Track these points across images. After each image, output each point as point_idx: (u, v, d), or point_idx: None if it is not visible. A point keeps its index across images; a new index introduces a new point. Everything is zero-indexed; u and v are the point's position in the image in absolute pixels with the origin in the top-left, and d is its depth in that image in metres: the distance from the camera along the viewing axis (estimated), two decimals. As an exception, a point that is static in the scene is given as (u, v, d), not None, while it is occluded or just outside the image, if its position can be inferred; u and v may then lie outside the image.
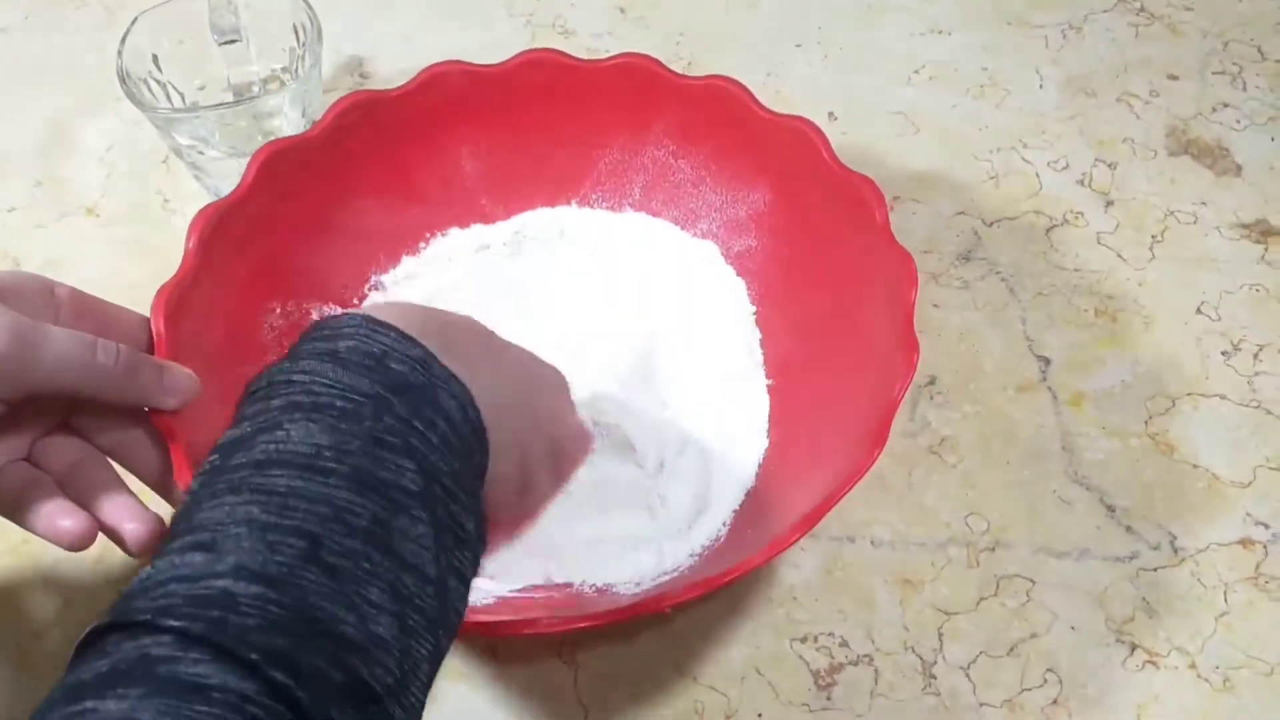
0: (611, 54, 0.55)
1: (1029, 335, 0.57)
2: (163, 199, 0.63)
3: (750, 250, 0.56)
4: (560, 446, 0.42)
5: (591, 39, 0.71)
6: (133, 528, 0.40)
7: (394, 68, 0.69)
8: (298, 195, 0.52)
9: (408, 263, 0.57)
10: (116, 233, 0.61)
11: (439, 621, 0.31)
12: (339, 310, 0.54)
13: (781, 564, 0.50)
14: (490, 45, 0.57)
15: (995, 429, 0.54)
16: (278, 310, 0.53)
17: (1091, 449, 0.53)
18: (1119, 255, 0.60)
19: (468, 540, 0.33)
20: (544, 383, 0.43)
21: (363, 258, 0.56)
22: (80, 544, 0.39)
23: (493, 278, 0.57)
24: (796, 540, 0.41)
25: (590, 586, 0.48)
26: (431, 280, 0.57)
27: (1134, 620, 0.49)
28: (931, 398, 0.55)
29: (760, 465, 0.51)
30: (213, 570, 0.27)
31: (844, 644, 0.48)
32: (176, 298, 0.46)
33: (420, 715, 0.31)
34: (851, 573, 0.50)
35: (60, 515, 0.39)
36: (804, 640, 0.48)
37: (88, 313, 0.42)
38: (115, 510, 0.40)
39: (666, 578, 0.48)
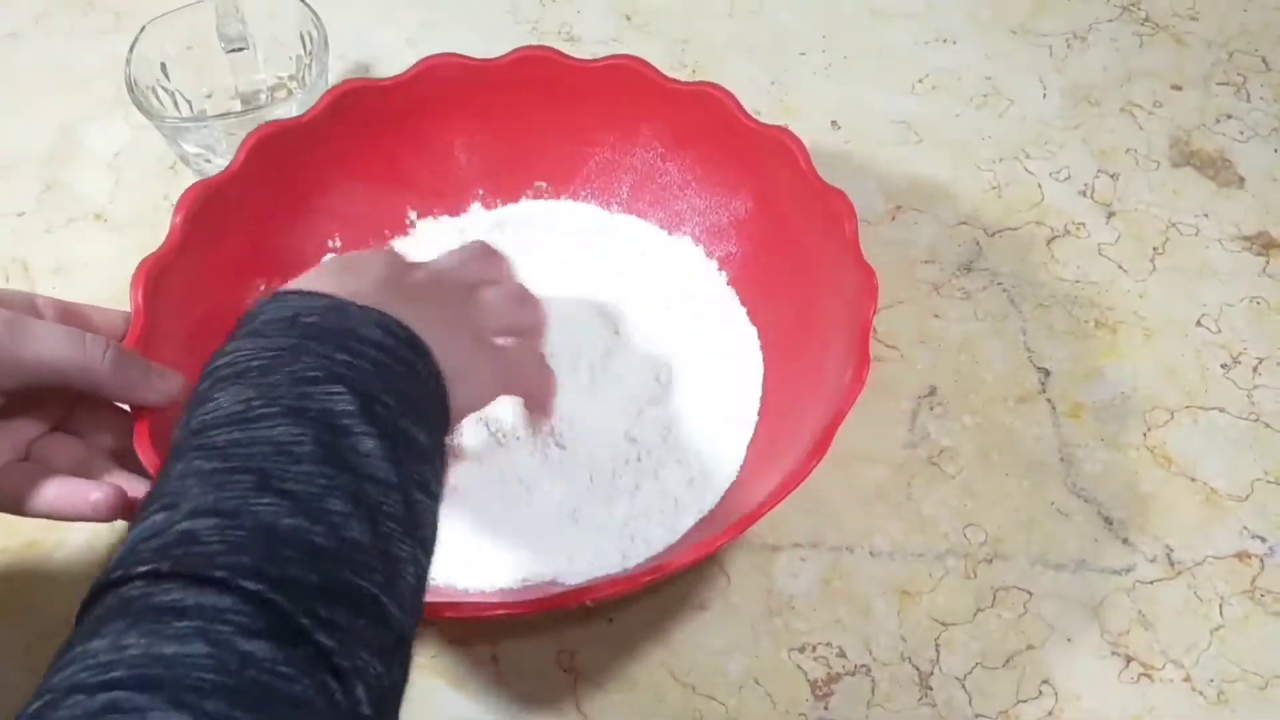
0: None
1: (1029, 346, 0.57)
2: (170, 205, 0.63)
3: (729, 256, 0.57)
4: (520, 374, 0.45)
5: (597, 46, 0.72)
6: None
7: (397, 73, 0.69)
8: (288, 177, 0.53)
9: (396, 245, 0.58)
10: (124, 238, 0.62)
11: (413, 529, 0.32)
12: None
13: (780, 573, 0.50)
14: (495, 52, 0.57)
15: (994, 440, 0.54)
16: (262, 288, 0.54)
17: (1090, 460, 0.54)
18: (1120, 266, 0.60)
19: (424, 453, 0.34)
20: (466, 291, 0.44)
21: (351, 240, 0.57)
22: (112, 512, 0.41)
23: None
24: (718, 547, 0.42)
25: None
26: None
27: (1130, 633, 0.49)
28: (931, 408, 0.55)
29: (738, 470, 0.52)
30: (172, 521, 0.29)
31: (841, 654, 0.48)
32: (158, 271, 0.47)
33: (418, 617, 0.32)
34: (850, 583, 0.50)
35: (85, 489, 0.41)
36: (802, 650, 0.48)
37: (71, 318, 0.43)
38: (134, 486, 0.42)
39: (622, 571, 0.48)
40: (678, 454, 0.52)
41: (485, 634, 0.49)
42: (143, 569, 0.27)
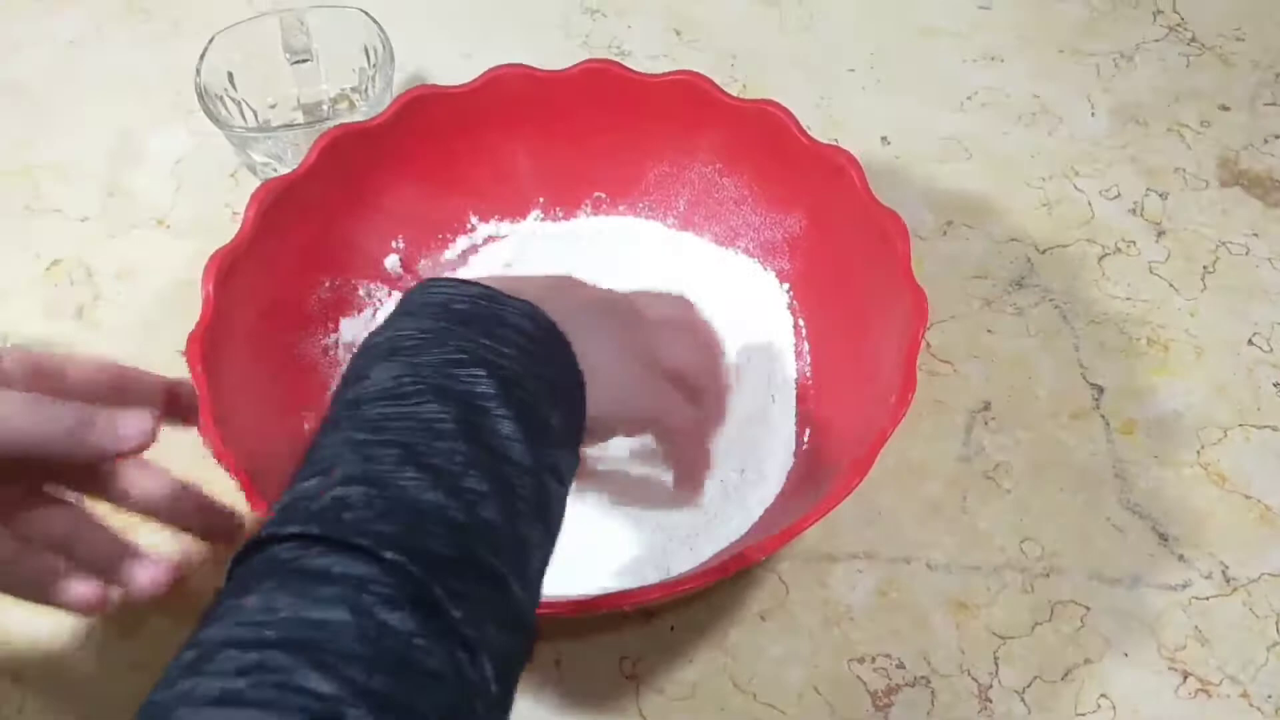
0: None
1: (1082, 363, 0.58)
2: (231, 211, 0.64)
3: (783, 273, 0.58)
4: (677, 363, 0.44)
5: (647, 60, 0.72)
6: (142, 575, 0.41)
7: (452, 84, 0.70)
8: (355, 178, 0.55)
9: (459, 244, 0.59)
10: (187, 244, 0.63)
11: (542, 512, 0.33)
12: (385, 289, 0.57)
13: (838, 584, 0.51)
14: (546, 64, 0.58)
15: (1048, 455, 0.55)
16: (326, 284, 0.55)
17: (1144, 477, 0.54)
18: (1171, 285, 0.61)
19: (556, 439, 0.35)
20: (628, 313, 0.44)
21: (413, 241, 0.58)
22: (95, 609, 0.40)
23: (543, 266, 0.59)
24: (754, 562, 0.43)
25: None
26: (482, 265, 0.59)
27: (1186, 648, 0.49)
28: (985, 423, 0.56)
29: (785, 479, 0.52)
30: (324, 486, 0.30)
31: (900, 665, 0.49)
32: (229, 263, 0.48)
33: (538, 601, 0.33)
34: (907, 595, 0.51)
35: (71, 584, 0.39)
36: (861, 661, 0.49)
37: (42, 372, 0.40)
38: (123, 568, 0.41)
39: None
40: (727, 464, 0.52)
41: (547, 636, 0.50)
42: (293, 529, 0.29)
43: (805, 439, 0.52)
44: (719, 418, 0.49)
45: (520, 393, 0.34)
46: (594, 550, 0.49)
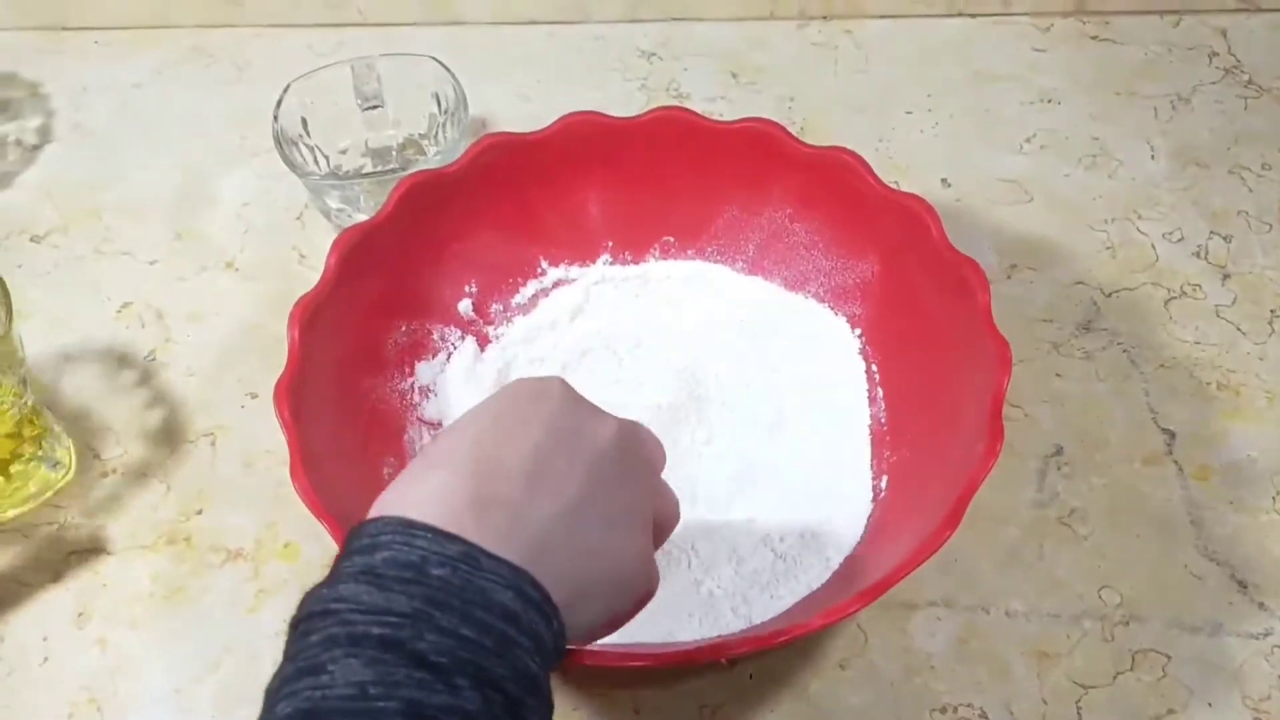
0: (725, 117, 0.57)
1: (1153, 407, 0.58)
2: (299, 254, 0.65)
3: (854, 318, 0.58)
4: (658, 522, 0.40)
5: (705, 103, 0.73)
6: None
7: (514, 128, 0.70)
8: (432, 224, 0.55)
9: (529, 288, 0.60)
10: (255, 287, 0.63)
11: None
12: (459, 333, 0.57)
13: (918, 632, 0.51)
14: (605, 106, 0.59)
15: (1123, 501, 0.54)
16: (403, 328, 0.56)
17: (1220, 523, 0.54)
18: (1238, 329, 0.61)
19: None
20: (634, 463, 0.39)
21: (485, 285, 0.58)
22: None
23: (612, 310, 0.60)
24: (851, 613, 0.42)
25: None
26: (551, 310, 0.59)
27: (1270, 698, 0.49)
28: (1059, 468, 0.55)
29: (864, 528, 0.52)
30: None
31: (983, 715, 0.48)
32: (312, 310, 0.49)
33: None
34: (987, 643, 0.50)
35: None
36: (943, 710, 0.49)
37: None
38: None
39: (751, 630, 0.49)
40: (804, 510, 0.52)
41: (626, 683, 0.49)
42: None
43: (883, 486, 0.52)
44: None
45: (498, 698, 0.30)
46: (676, 597, 0.49)
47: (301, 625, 0.31)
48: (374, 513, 0.33)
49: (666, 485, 0.42)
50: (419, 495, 0.33)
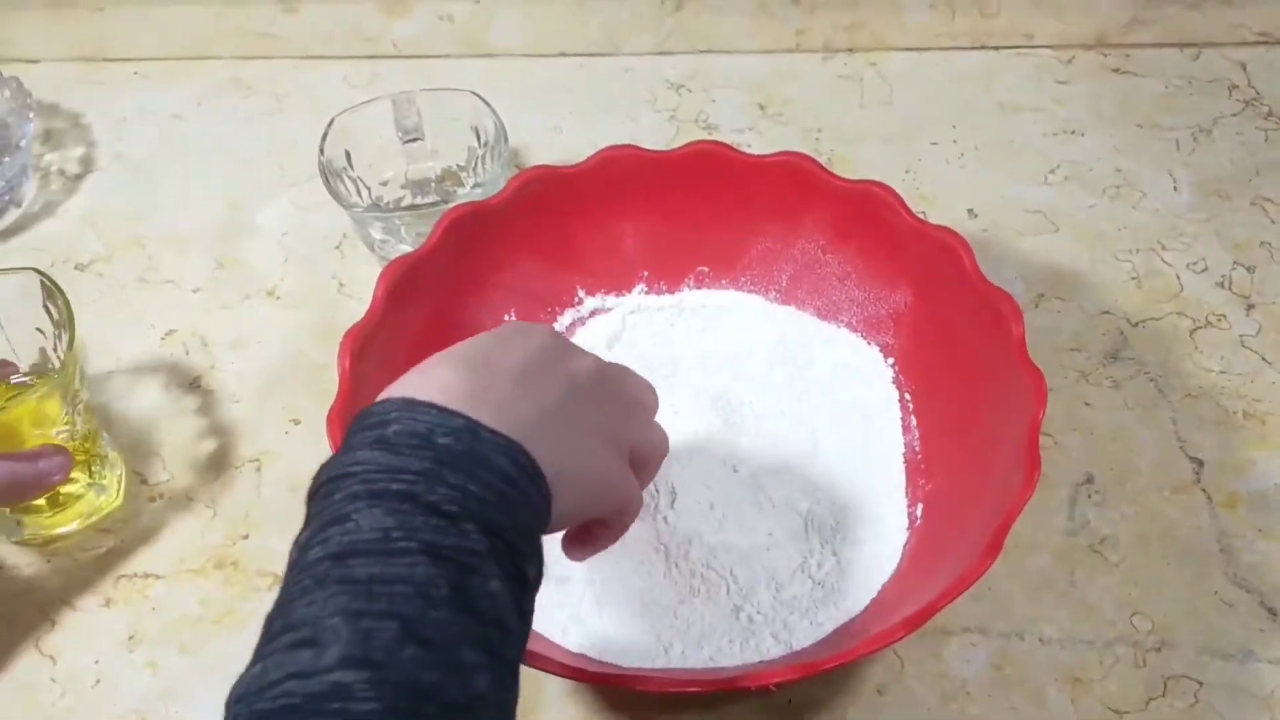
0: (753, 148, 0.59)
1: (1180, 436, 0.59)
2: (338, 283, 0.66)
3: (887, 347, 0.59)
4: (641, 453, 0.43)
5: (733, 134, 0.74)
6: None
7: (546, 158, 0.72)
8: (475, 255, 0.57)
9: (566, 316, 0.61)
10: (297, 315, 0.65)
11: (517, 666, 0.34)
12: None
13: (953, 658, 0.52)
14: (636, 138, 0.60)
15: (1154, 529, 0.55)
16: None
17: (1249, 551, 0.55)
18: (1263, 358, 0.62)
19: (530, 586, 0.36)
20: (611, 393, 0.43)
21: (524, 314, 0.60)
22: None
23: (647, 338, 0.61)
24: (896, 641, 0.43)
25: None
26: (587, 339, 0.60)
27: (1302, 724, 0.50)
28: (1089, 496, 0.56)
29: (900, 555, 0.53)
30: (321, 664, 0.30)
31: (1019, 740, 0.49)
32: (361, 340, 0.50)
33: None
34: (1022, 669, 0.51)
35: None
36: (980, 735, 0.49)
37: None
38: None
39: (794, 655, 0.49)
40: (841, 536, 0.53)
41: (666, 708, 0.50)
42: None
43: (918, 514, 0.53)
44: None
45: (501, 544, 0.34)
46: (715, 621, 0.50)
47: (322, 489, 0.34)
48: (381, 398, 0.37)
49: (657, 425, 0.46)
50: (421, 383, 0.37)
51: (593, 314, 0.61)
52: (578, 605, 0.51)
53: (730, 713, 0.50)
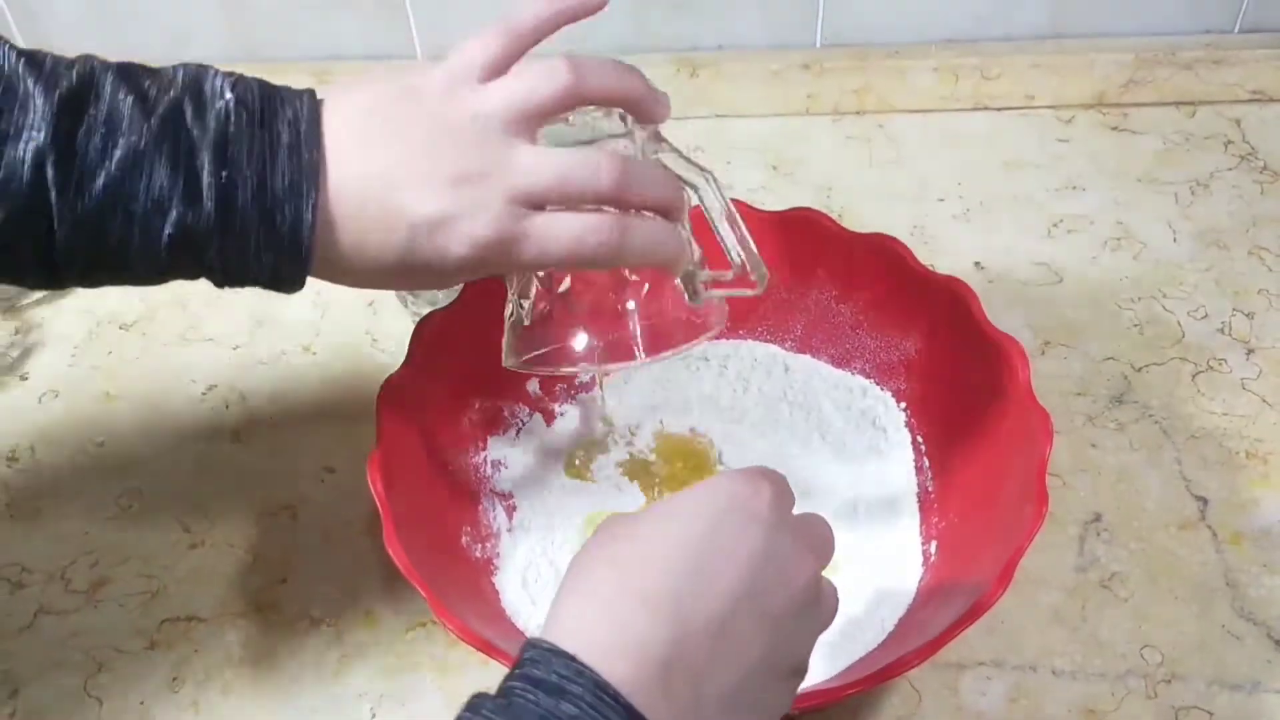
0: (767, 206, 0.62)
1: (1185, 475, 0.61)
2: (371, 338, 0.69)
3: (899, 392, 0.61)
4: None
5: (747, 193, 0.78)
6: None
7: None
8: (504, 310, 0.59)
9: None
10: (331, 370, 0.67)
11: None
12: (527, 410, 0.62)
13: (969, 691, 0.53)
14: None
15: (1161, 565, 0.57)
16: (476, 405, 0.60)
17: (1255, 585, 0.56)
18: (1264, 400, 0.64)
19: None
20: (814, 619, 0.40)
21: None
22: None
23: (666, 386, 0.63)
24: (911, 668, 0.44)
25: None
26: (609, 388, 0.63)
27: (1312, 754, 0.51)
28: (1098, 534, 0.58)
29: (915, 591, 0.55)
30: None
31: (1036, 771, 0.51)
32: (398, 390, 0.53)
33: None
34: (1036, 701, 0.53)
35: None
36: (997, 766, 0.51)
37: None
38: None
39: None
40: (857, 578, 0.55)
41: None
42: None
43: (933, 551, 0.55)
44: None
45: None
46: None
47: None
48: (570, 637, 0.34)
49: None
50: (618, 641, 0.34)
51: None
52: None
53: (753, 746, 0.52)
